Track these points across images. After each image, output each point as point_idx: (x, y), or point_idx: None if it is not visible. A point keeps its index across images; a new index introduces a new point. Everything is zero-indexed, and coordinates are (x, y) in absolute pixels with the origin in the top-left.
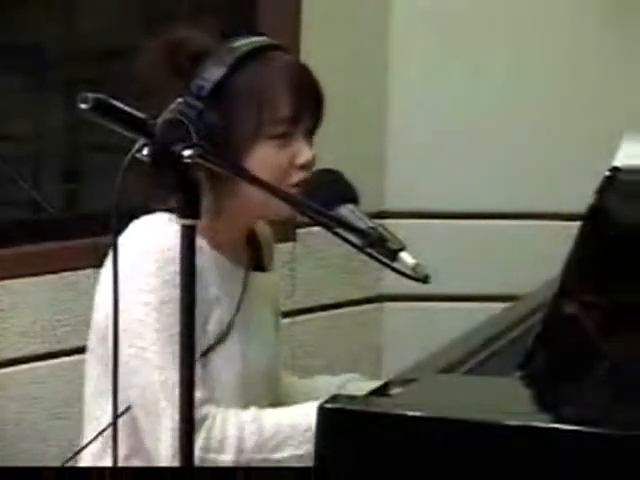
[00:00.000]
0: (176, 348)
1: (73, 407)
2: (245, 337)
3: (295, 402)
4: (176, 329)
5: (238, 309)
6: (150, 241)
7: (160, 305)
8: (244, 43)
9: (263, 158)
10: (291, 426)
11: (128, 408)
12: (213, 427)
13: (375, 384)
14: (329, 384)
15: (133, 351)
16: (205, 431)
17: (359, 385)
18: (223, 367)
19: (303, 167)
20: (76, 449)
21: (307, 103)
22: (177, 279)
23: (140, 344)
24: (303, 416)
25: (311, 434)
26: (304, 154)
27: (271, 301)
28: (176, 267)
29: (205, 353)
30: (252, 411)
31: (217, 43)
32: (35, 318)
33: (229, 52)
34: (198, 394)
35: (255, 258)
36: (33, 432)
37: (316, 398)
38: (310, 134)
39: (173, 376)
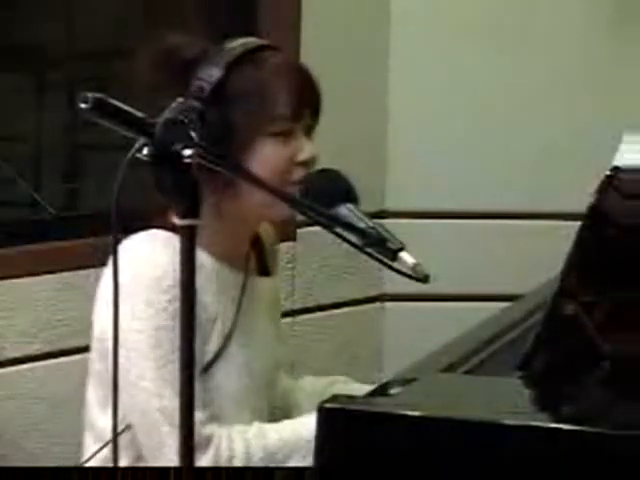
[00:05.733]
0: (174, 374)
1: (73, 407)
2: (246, 345)
3: (282, 402)
4: (173, 355)
5: (237, 317)
6: (143, 267)
7: (154, 332)
8: (239, 44)
9: (264, 155)
10: (295, 439)
11: (128, 427)
12: (220, 446)
13: (360, 386)
14: (314, 385)
15: (130, 378)
16: (213, 449)
17: (344, 387)
18: (226, 380)
19: (304, 164)
20: (76, 449)
21: (306, 100)
22: (171, 307)
23: (136, 372)
24: (305, 429)
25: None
26: (305, 151)
27: (272, 306)
28: (169, 296)
29: (206, 369)
30: (255, 427)
31: (212, 46)
32: (35, 318)
33: (225, 53)
34: (200, 414)
35: (259, 263)
36: (33, 432)
37: (300, 399)
38: (310, 131)
39: (173, 402)
